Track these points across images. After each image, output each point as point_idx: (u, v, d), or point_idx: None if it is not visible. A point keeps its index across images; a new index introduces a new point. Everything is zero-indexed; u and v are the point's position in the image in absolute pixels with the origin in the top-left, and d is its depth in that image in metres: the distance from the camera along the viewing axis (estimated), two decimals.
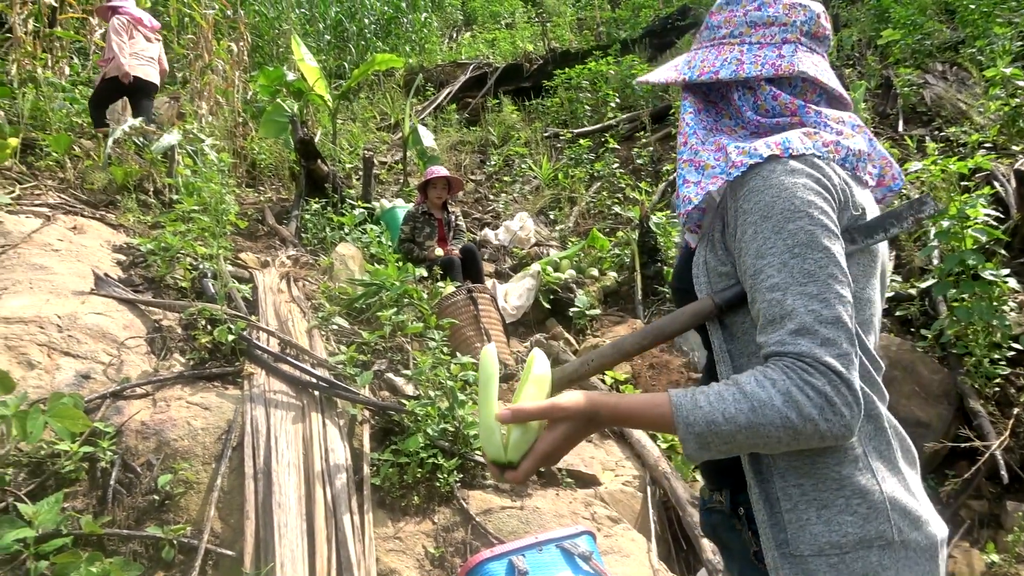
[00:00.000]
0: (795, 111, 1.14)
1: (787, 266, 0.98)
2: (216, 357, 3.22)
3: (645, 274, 5.45)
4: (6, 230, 3.71)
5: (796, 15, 1.16)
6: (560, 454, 1.05)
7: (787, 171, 1.03)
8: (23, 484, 2.48)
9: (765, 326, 1.00)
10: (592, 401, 1.03)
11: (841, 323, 0.95)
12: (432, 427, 2.93)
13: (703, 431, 0.96)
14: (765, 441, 0.94)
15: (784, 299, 0.97)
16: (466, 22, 17.87)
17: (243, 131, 7.29)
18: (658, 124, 8.70)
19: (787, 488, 1.04)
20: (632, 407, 1.04)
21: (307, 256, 5.04)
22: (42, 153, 5.11)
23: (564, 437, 1.03)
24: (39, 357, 2.90)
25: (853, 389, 0.93)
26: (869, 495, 1.01)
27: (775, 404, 0.92)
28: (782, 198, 1.01)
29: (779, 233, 1.00)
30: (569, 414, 1.02)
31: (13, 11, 7.34)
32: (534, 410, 1.03)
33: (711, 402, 0.96)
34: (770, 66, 1.13)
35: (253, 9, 12.62)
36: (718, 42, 1.21)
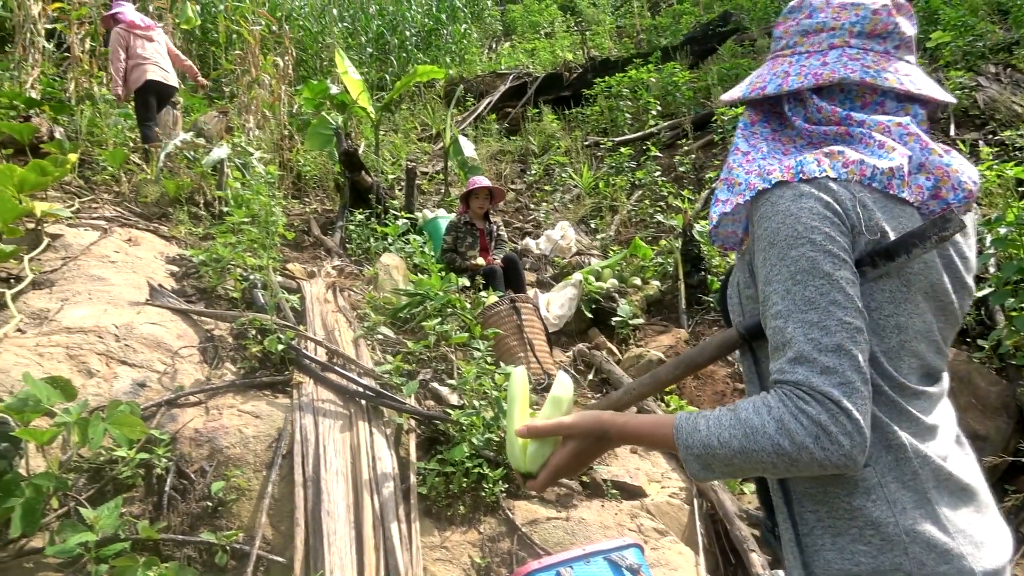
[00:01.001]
0: (839, 121, 1.10)
1: (790, 293, 0.98)
2: (266, 366, 3.29)
3: (689, 283, 5.40)
4: (67, 243, 3.85)
5: (845, 17, 1.12)
6: (573, 468, 1.14)
7: (795, 196, 1.02)
8: (83, 489, 2.56)
9: (772, 353, 1.01)
10: (600, 421, 1.11)
11: (843, 351, 0.94)
12: (477, 437, 2.94)
13: (701, 453, 0.99)
14: (763, 466, 0.95)
15: (785, 327, 0.98)
16: (505, 32, 17.99)
17: (289, 144, 7.44)
18: (700, 131, 8.62)
19: (804, 513, 1.05)
20: (639, 428, 1.10)
21: (352, 266, 5.11)
22: (99, 168, 5.29)
23: (574, 453, 1.13)
24: (98, 366, 2.99)
25: (853, 419, 0.91)
26: (882, 527, 0.99)
27: (767, 431, 0.93)
28: (787, 224, 1.00)
29: (783, 260, 1.00)
30: (575, 432, 1.12)
31: (71, 31, 7.64)
32: (543, 427, 1.14)
33: (709, 426, 0.99)
34: (812, 76, 1.11)
35: (298, 24, 12.90)
36: (776, 54, 1.20)
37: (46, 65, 7.54)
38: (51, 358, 2.95)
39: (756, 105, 1.21)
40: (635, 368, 4.41)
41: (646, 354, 4.46)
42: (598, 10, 17.15)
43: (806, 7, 1.17)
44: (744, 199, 1.09)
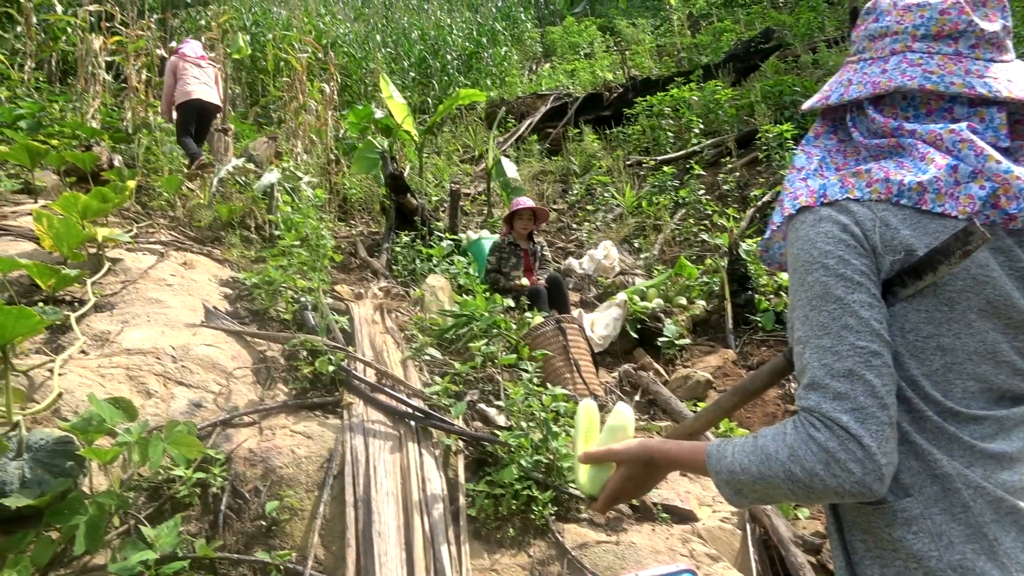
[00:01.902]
0: (891, 132, 1.07)
1: (808, 319, 0.98)
2: (317, 387, 3.34)
3: (735, 303, 5.33)
4: (126, 267, 3.98)
5: (908, 20, 1.08)
6: (628, 491, 1.21)
7: (814, 221, 1.01)
8: (143, 507, 2.62)
9: (797, 378, 1.02)
10: (645, 447, 1.17)
11: (855, 376, 0.92)
12: (526, 458, 2.93)
13: (728, 479, 1.01)
14: (783, 493, 0.96)
15: (803, 352, 0.98)
16: (545, 54, 18.16)
17: (336, 167, 7.59)
18: (744, 149, 8.55)
19: (854, 542, 1.04)
20: (680, 454, 1.14)
21: (398, 288, 5.17)
22: (155, 194, 5.47)
23: (626, 478, 1.19)
24: (156, 386, 3.08)
25: (864, 445, 0.89)
26: (925, 561, 0.94)
27: (780, 458, 0.94)
28: (804, 250, 1.01)
29: (802, 286, 1.00)
30: (622, 457, 1.19)
31: (129, 63, 7.95)
32: (595, 453, 1.23)
33: (735, 453, 1.01)
34: (870, 85, 1.08)
35: (342, 51, 13.22)
36: (848, 61, 1.17)
37: (105, 96, 7.86)
38: (112, 379, 3.04)
39: (827, 115, 1.19)
40: (682, 389, 4.36)
41: (693, 375, 4.41)
42: (638, 30, 17.21)
43: (875, 10, 1.14)
44: (776, 225, 1.11)
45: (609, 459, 1.22)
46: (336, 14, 16.31)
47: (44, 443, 2.44)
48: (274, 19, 13.69)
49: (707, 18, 16.82)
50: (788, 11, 15.12)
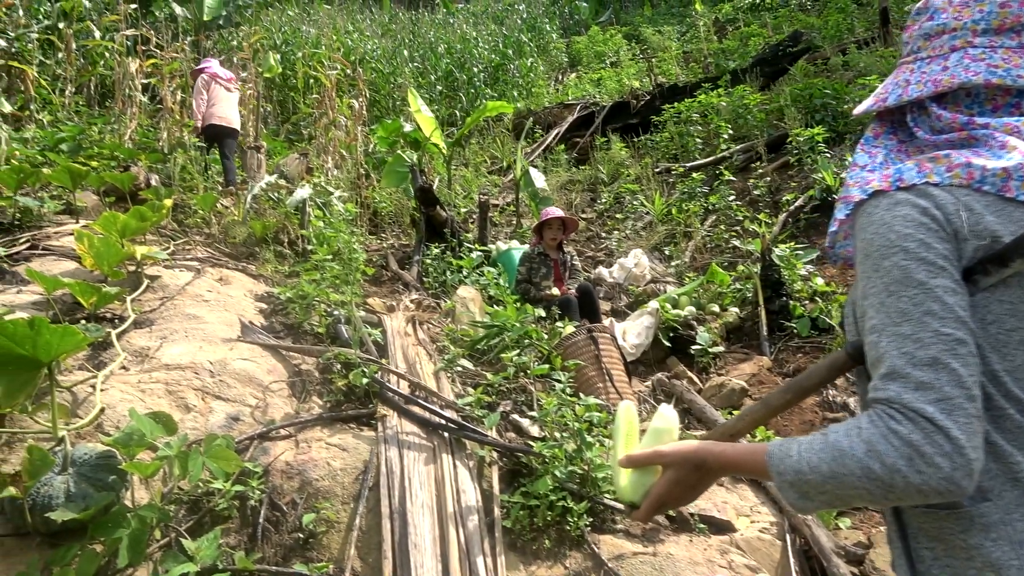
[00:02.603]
0: (960, 127, 1.03)
1: (884, 306, 0.93)
2: (351, 399, 3.36)
3: (769, 309, 5.26)
4: (164, 283, 4.06)
5: (967, 15, 1.05)
6: (676, 497, 1.12)
7: (890, 204, 0.97)
8: (183, 520, 2.66)
9: (870, 369, 0.96)
10: (697, 449, 1.08)
11: (939, 364, 0.87)
12: (560, 469, 2.92)
13: (794, 480, 0.93)
14: (858, 493, 0.88)
15: (879, 341, 0.92)
16: (571, 64, 18.20)
17: (366, 182, 7.68)
18: (774, 153, 8.45)
19: (920, 550, 0.98)
20: (736, 456, 1.05)
21: (429, 300, 5.20)
22: (191, 211, 5.59)
23: (674, 482, 1.10)
24: (195, 401, 3.13)
25: (952, 438, 0.83)
26: (1004, 570, 0.89)
27: (856, 454, 0.87)
28: (879, 234, 0.96)
29: (877, 271, 0.95)
30: (672, 460, 1.10)
31: (164, 85, 8.15)
32: (640, 456, 1.15)
33: (800, 451, 0.94)
34: (932, 83, 1.05)
35: (370, 67, 13.40)
36: (903, 61, 1.14)
37: (142, 117, 8.07)
38: (152, 394, 3.09)
39: (883, 116, 1.16)
40: (717, 397, 4.31)
41: (728, 383, 4.36)
42: (664, 37, 17.16)
43: (929, 9, 1.11)
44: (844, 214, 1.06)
45: (655, 462, 1.13)
46: (364, 31, 16.55)
47: (88, 457, 2.49)
48: (303, 38, 13.93)
49: (734, 23, 16.72)
50: (816, 13, 14.97)
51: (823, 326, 5.04)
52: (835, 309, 5.01)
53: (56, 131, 6.62)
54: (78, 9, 9.33)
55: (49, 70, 8.91)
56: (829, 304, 5.13)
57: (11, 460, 2.57)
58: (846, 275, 5.83)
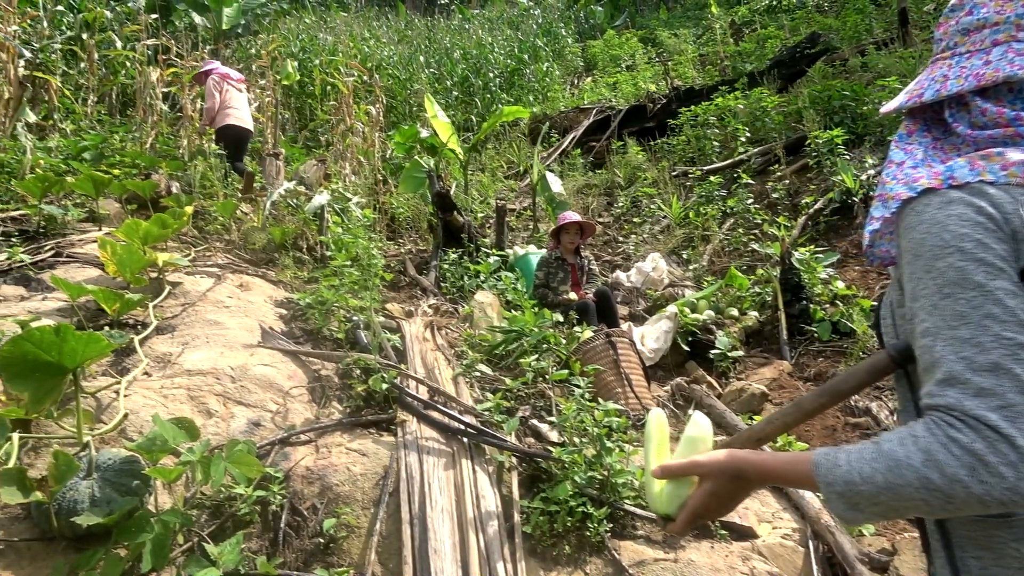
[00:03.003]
0: (1007, 122, 1.00)
1: (938, 308, 0.90)
2: (371, 404, 3.38)
3: (790, 313, 5.21)
4: (185, 290, 4.10)
5: (1010, 9, 1.02)
6: (713, 509, 1.08)
7: (943, 203, 0.94)
8: (205, 525, 2.68)
9: (922, 375, 0.92)
10: (735, 459, 1.05)
11: (1001, 370, 0.83)
12: (580, 475, 2.91)
13: (844, 491, 0.90)
14: (914, 504, 0.85)
15: (934, 345, 0.89)
16: (587, 68, 18.20)
17: (383, 187, 7.72)
18: (793, 156, 8.39)
19: (966, 559, 0.95)
20: (776, 466, 1.02)
21: (447, 305, 5.21)
22: (211, 218, 5.64)
23: (711, 493, 1.07)
24: (216, 406, 3.15)
25: (1017, 446, 0.80)
26: None
27: (913, 464, 0.84)
28: (932, 233, 0.93)
29: (929, 272, 0.92)
30: (709, 470, 1.07)
31: (184, 93, 8.25)
32: (676, 467, 1.11)
33: (850, 461, 0.91)
34: (973, 77, 1.02)
35: (387, 73, 13.47)
36: (937, 57, 1.12)
37: (162, 125, 8.16)
38: (174, 399, 3.13)
39: (915, 114, 1.14)
40: (737, 402, 4.27)
41: (748, 387, 4.32)
42: (680, 40, 17.11)
43: (967, 3, 1.09)
44: (890, 212, 1.02)
45: (691, 473, 1.10)
46: (380, 37, 16.65)
47: (112, 463, 2.51)
48: (321, 45, 14.04)
49: (750, 25, 16.63)
50: (834, 15, 14.85)
51: (844, 330, 4.99)
52: (856, 313, 4.96)
53: (79, 140, 6.71)
54: (100, 20, 9.47)
55: (72, 80, 9.05)
56: (850, 308, 5.08)
57: (37, 465, 2.61)
58: (867, 278, 5.77)
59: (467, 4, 26.51)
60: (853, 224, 6.60)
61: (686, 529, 1.12)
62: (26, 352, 2.36)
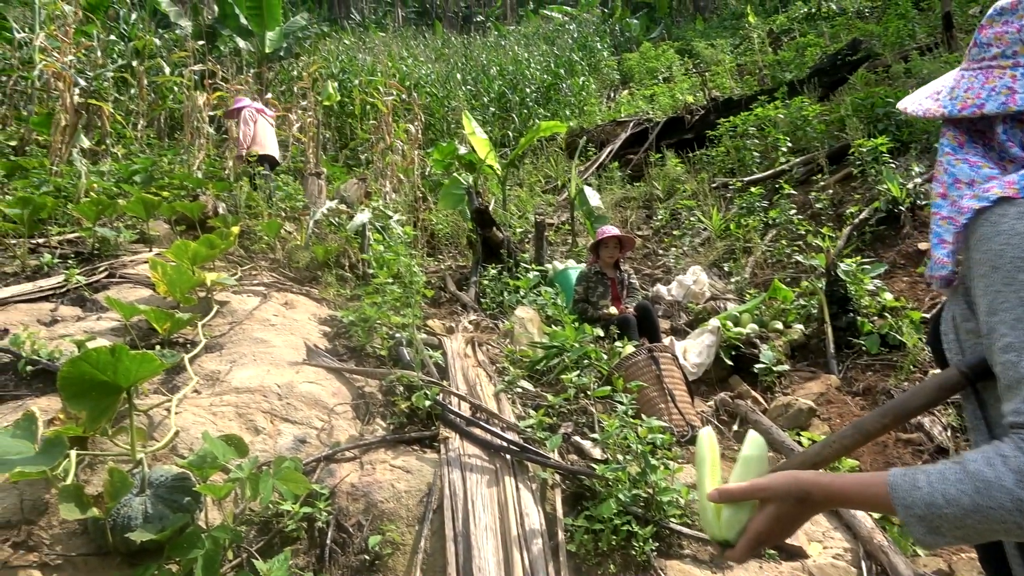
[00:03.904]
0: None
1: (1021, 322, 0.86)
2: (414, 421, 3.40)
3: (836, 326, 5.10)
4: (233, 308, 4.19)
5: None
6: (776, 534, 1.04)
7: (1020, 214, 0.90)
8: (254, 541, 2.72)
9: (1003, 392, 0.89)
10: (800, 481, 1.01)
11: None
12: (624, 492, 2.88)
13: (925, 514, 0.87)
14: (1004, 527, 0.82)
15: (1019, 362, 0.86)
16: (623, 81, 18.19)
17: (423, 204, 7.80)
18: (836, 165, 8.24)
19: None
20: (846, 487, 0.98)
21: (487, 320, 5.23)
22: (256, 237, 5.76)
23: (774, 518, 1.02)
24: (263, 423, 3.21)
25: None
26: None
27: (1005, 484, 0.81)
28: (1011, 244, 0.89)
29: (1010, 285, 0.88)
30: (772, 494, 1.02)
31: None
32: (736, 490, 1.06)
33: (931, 483, 0.87)
34: None
35: (425, 91, 13.65)
36: (987, 64, 1.05)
37: (209, 148, 8.39)
38: (223, 416, 3.19)
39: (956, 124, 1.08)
40: (783, 418, 4.19)
41: (795, 402, 4.24)
42: (717, 50, 17.00)
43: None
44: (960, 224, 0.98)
45: (753, 496, 1.04)
46: (418, 56, 16.89)
47: (164, 479, 2.57)
48: (360, 65, 14.30)
49: (788, 33, 16.45)
50: (875, 20, 14.61)
51: (893, 343, 4.87)
52: (906, 325, 4.83)
53: (130, 164, 6.93)
54: (149, 47, 9.80)
55: (123, 106, 9.36)
56: (899, 320, 4.95)
57: (93, 481, 2.68)
58: (916, 289, 5.63)
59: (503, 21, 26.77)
60: (900, 234, 6.45)
61: (747, 556, 1.07)
62: (83, 372, 2.43)
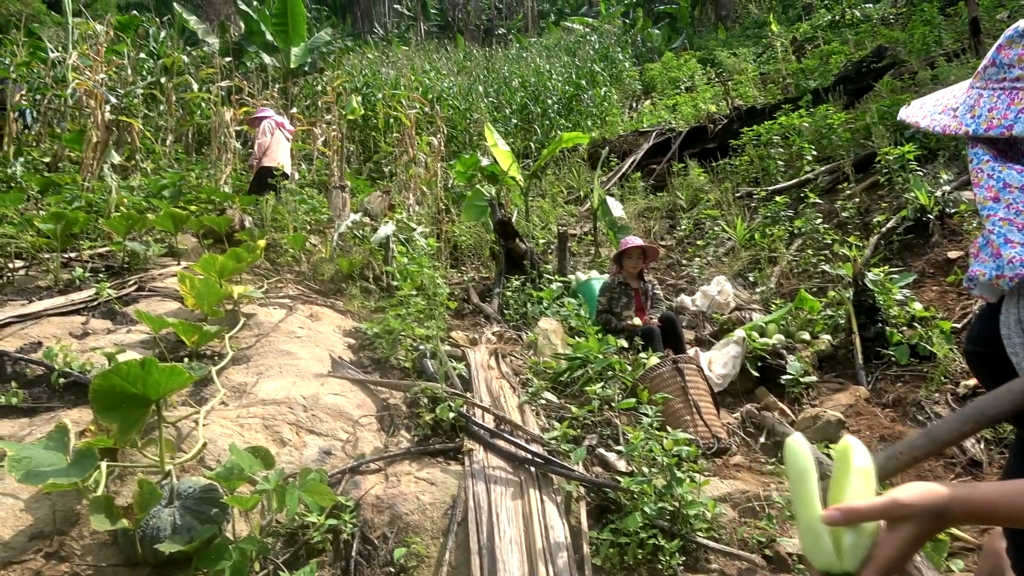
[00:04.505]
0: None
1: None
2: (438, 433, 3.40)
3: (864, 336, 5.02)
4: (259, 321, 4.24)
5: None
6: (907, 560, 0.91)
7: None
8: (280, 553, 2.74)
9: None
10: (938, 494, 0.89)
11: None
12: (650, 505, 2.85)
13: None
14: None
15: None
16: (645, 91, 18.15)
17: (446, 216, 7.84)
18: (862, 173, 8.15)
19: None
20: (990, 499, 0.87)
21: (511, 332, 5.23)
22: (282, 250, 5.83)
23: (911, 539, 0.89)
24: (289, 435, 3.23)
25: None
26: None
27: None
28: None
29: None
30: (914, 511, 0.89)
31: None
32: (870, 509, 0.90)
33: None
34: None
35: (447, 104, 13.74)
36: (1010, 85, 1.03)
37: (236, 162, 8.51)
38: (250, 428, 3.22)
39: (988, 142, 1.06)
40: (812, 430, 4.13)
41: (823, 414, 4.17)
42: (739, 59, 16.91)
43: None
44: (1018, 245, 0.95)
45: (893, 514, 0.89)
46: (440, 69, 17.03)
47: (192, 491, 2.60)
48: (383, 79, 14.44)
49: (812, 42, 16.31)
50: (900, 27, 14.44)
51: (923, 353, 4.78)
52: (936, 335, 4.74)
53: (159, 178, 7.06)
54: (178, 64, 9.98)
55: (152, 122, 9.55)
56: (929, 330, 4.86)
57: (123, 493, 2.72)
58: (946, 299, 5.53)
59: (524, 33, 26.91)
60: (929, 243, 6.34)
61: None
62: (114, 385, 2.47)
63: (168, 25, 15.09)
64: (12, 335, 3.75)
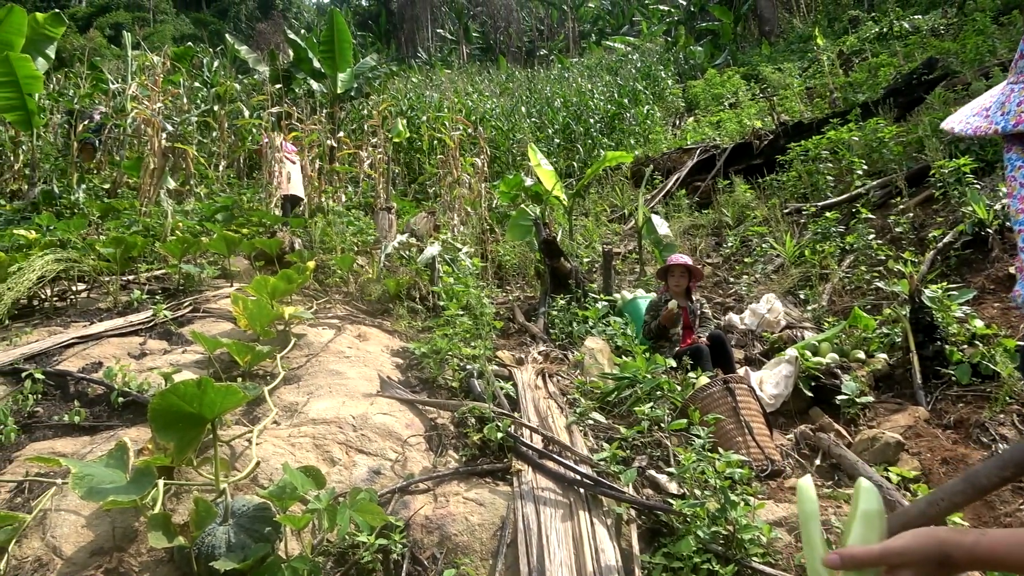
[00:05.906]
0: None
1: None
2: (486, 453, 3.39)
3: (923, 355, 4.86)
4: (309, 341, 4.30)
5: None
6: None
7: None
8: (331, 572, 2.75)
9: None
10: (940, 541, 0.88)
11: None
12: (703, 529, 2.79)
13: None
14: None
15: None
16: (688, 108, 18.06)
17: (490, 237, 7.88)
18: (915, 187, 7.93)
19: None
20: (997, 547, 0.84)
21: (557, 351, 5.20)
22: (331, 271, 5.93)
23: None
24: (339, 454, 3.26)
25: None
26: None
27: None
28: None
29: None
30: (911, 559, 0.88)
31: (304, 155, 8.78)
32: (865, 556, 0.91)
33: None
34: None
35: (490, 125, 13.87)
36: None
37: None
38: (301, 447, 3.26)
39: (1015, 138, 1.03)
40: (869, 452, 4.00)
41: (881, 436, 4.04)
42: (784, 74, 16.71)
43: None
44: None
45: (887, 562, 0.90)
46: (483, 91, 17.22)
47: (246, 509, 2.64)
48: (427, 102, 14.66)
49: (859, 55, 16.03)
50: (951, 38, 14.10)
51: (986, 372, 4.59)
52: (999, 354, 4.56)
53: (212, 203, 7.26)
54: (230, 92, 10.30)
55: (206, 148, 9.86)
56: (992, 348, 4.68)
57: (179, 510, 2.77)
58: (1009, 316, 5.32)
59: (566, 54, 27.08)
60: (988, 258, 6.13)
61: None
62: (172, 404, 2.53)
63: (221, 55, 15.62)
64: (75, 355, 3.88)
